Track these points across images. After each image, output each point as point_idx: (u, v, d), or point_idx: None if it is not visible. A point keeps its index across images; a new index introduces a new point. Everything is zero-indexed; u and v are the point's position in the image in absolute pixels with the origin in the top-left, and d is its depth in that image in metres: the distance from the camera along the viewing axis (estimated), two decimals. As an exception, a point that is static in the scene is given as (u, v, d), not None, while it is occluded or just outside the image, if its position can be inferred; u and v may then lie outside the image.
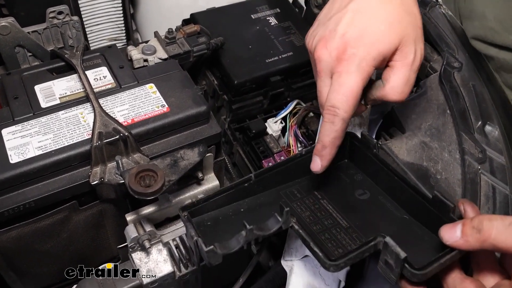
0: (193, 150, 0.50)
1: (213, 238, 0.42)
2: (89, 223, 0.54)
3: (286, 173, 0.50)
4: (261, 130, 0.71)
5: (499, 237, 0.34)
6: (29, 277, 0.55)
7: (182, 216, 0.44)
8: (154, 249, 0.52)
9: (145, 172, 0.47)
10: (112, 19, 0.77)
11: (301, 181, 0.51)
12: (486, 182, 0.52)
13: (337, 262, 0.37)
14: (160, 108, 0.54)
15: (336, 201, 0.49)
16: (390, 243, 0.37)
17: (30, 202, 0.49)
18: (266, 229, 0.40)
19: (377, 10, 0.46)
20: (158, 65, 0.61)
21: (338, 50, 0.45)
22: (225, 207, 0.47)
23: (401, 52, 0.46)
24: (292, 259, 0.51)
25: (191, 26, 0.66)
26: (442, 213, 0.41)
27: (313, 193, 0.49)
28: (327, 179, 0.51)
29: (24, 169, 0.48)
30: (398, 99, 0.47)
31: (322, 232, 0.45)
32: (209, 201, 0.46)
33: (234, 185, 0.47)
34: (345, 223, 0.46)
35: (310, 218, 0.46)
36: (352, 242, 0.44)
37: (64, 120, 0.53)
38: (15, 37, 0.62)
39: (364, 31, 0.45)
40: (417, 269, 0.36)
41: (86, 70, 0.58)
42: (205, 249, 0.38)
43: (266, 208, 0.47)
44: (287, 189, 0.50)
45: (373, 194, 0.49)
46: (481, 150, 0.53)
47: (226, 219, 0.46)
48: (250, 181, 0.47)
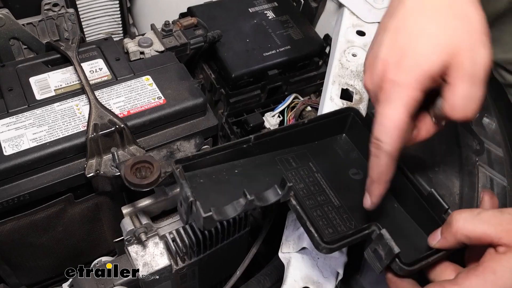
0: (189, 142, 0.50)
1: (206, 198, 0.41)
2: (85, 216, 0.54)
3: (285, 139, 0.49)
4: (259, 124, 0.70)
5: (467, 227, 0.35)
6: (23, 271, 0.54)
7: (174, 170, 0.41)
8: (150, 242, 0.51)
9: (141, 163, 0.47)
10: (108, 13, 0.77)
11: (298, 149, 0.50)
12: (484, 174, 0.52)
13: (331, 246, 0.38)
14: (156, 100, 0.54)
15: (330, 177, 0.48)
16: (386, 235, 0.37)
17: (25, 195, 0.48)
18: (264, 200, 0.40)
19: (419, 23, 0.40)
20: (155, 58, 0.61)
21: (379, 78, 0.41)
22: (219, 165, 0.45)
23: (455, 64, 0.39)
24: (289, 252, 0.51)
25: (188, 19, 0.66)
26: (435, 212, 0.42)
27: (308, 164, 0.49)
28: (323, 152, 0.51)
29: (19, 161, 0.48)
30: (461, 118, 0.40)
31: (314, 208, 0.44)
32: (205, 157, 0.44)
33: (232, 144, 0.45)
34: (337, 201, 0.46)
35: (304, 191, 0.46)
36: (342, 223, 0.44)
37: (59, 112, 0.52)
38: (9, 29, 0.62)
39: (405, 52, 0.40)
40: (407, 264, 0.37)
41: (82, 62, 0.57)
42: (203, 214, 0.36)
43: (261, 172, 0.47)
44: (283, 155, 0.49)
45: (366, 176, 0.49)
46: (479, 142, 0.53)
47: (219, 178, 0.45)
48: (249, 143, 0.46)
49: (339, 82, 0.60)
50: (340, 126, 0.51)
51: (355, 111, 0.51)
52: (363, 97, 0.59)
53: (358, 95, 0.59)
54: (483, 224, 0.34)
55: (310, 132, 0.49)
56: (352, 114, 0.50)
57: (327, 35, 0.75)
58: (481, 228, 0.34)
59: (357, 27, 0.66)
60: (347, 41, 0.64)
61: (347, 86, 0.59)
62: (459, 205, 0.50)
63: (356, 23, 0.66)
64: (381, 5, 0.69)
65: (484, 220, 0.35)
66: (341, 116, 0.51)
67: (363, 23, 0.66)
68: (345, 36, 0.65)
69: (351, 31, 0.65)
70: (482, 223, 0.35)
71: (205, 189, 0.43)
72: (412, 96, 0.39)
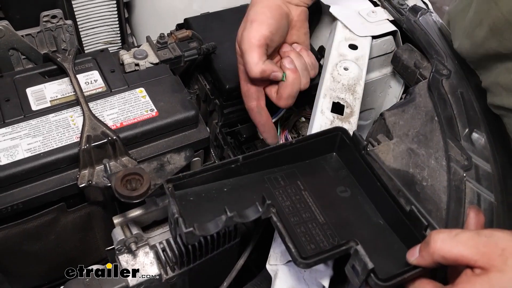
0: (179, 154, 0.51)
1: (193, 215, 0.43)
2: (77, 225, 0.55)
3: (274, 159, 0.50)
4: (252, 135, 0.71)
5: (444, 247, 0.35)
6: (17, 277, 0.56)
7: (166, 189, 0.43)
8: (140, 252, 0.52)
9: (131, 175, 0.48)
10: (107, 23, 0.78)
11: (287, 168, 0.51)
12: (471, 189, 0.52)
13: (308, 261, 0.39)
14: (149, 112, 0.55)
15: (317, 195, 0.49)
16: (361, 251, 0.38)
17: (18, 204, 0.49)
18: (245, 217, 0.41)
19: None
20: (149, 70, 0.62)
21: None
22: (209, 184, 0.47)
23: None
24: (277, 264, 0.51)
25: (183, 31, 0.67)
26: (416, 228, 0.43)
27: (296, 183, 0.50)
28: (312, 170, 0.52)
29: (13, 171, 0.49)
30: None
31: (298, 225, 0.45)
32: (194, 177, 0.46)
33: (221, 164, 0.47)
34: (322, 218, 0.47)
35: (289, 209, 0.47)
36: (325, 240, 0.44)
37: (54, 123, 0.54)
38: (9, 40, 0.63)
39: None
40: (381, 280, 0.37)
41: (77, 73, 0.59)
42: (184, 230, 0.39)
43: (249, 190, 0.48)
44: (272, 174, 0.50)
45: (354, 193, 0.50)
46: (467, 158, 0.54)
47: (208, 196, 0.47)
48: (237, 163, 0.48)
49: (330, 96, 0.61)
50: (330, 145, 0.52)
51: (343, 130, 0.52)
52: (354, 111, 0.60)
53: (349, 108, 0.60)
54: (460, 246, 0.35)
55: (298, 151, 0.50)
56: (340, 133, 0.52)
57: (322, 47, 0.76)
58: (458, 250, 0.35)
59: (350, 41, 0.67)
60: (339, 54, 0.65)
61: (338, 100, 0.60)
62: (446, 220, 0.51)
63: (349, 36, 0.67)
64: (374, 18, 0.70)
65: (461, 242, 0.35)
66: (329, 135, 0.52)
67: (356, 37, 0.67)
68: (338, 49, 0.65)
69: (343, 45, 0.66)
70: (458, 245, 0.35)
71: (194, 206, 0.45)
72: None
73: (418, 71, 0.67)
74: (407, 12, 0.70)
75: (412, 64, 0.68)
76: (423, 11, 0.69)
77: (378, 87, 0.76)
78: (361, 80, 0.62)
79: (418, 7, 0.70)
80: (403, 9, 0.70)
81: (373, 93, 0.76)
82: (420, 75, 0.67)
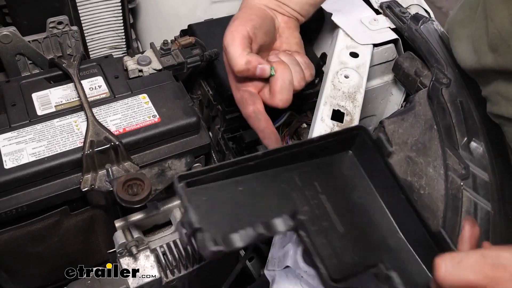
0: (180, 160, 0.52)
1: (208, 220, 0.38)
2: (80, 228, 0.56)
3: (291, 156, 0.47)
4: (254, 140, 0.72)
5: (449, 276, 0.33)
6: (20, 278, 0.57)
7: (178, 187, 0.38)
8: (141, 255, 0.53)
9: (132, 180, 0.49)
10: (112, 28, 0.79)
11: (302, 166, 0.47)
12: (468, 198, 0.52)
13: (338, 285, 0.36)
14: (151, 118, 0.56)
15: (334, 200, 0.46)
16: (396, 280, 0.36)
17: (23, 207, 0.51)
18: (273, 231, 0.38)
19: None
20: (152, 76, 0.63)
21: None
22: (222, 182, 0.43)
23: None
24: (274, 269, 0.52)
25: (186, 38, 0.68)
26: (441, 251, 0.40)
27: (313, 184, 0.47)
28: (328, 170, 0.49)
29: (18, 175, 0.50)
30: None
31: (319, 235, 0.42)
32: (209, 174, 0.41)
33: (240, 160, 0.43)
34: (341, 228, 0.44)
35: (309, 215, 0.44)
36: (345, 253, 0.41)
37: (59, 127, 0.55)
38: (15, 45, 0.64)
39: None
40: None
41: (82, 79, 0.60)
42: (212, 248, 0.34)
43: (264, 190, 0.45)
44: (287, 172, 0.46)
45: (371, 201, 0.47)
46: (464, 167, 0.54)
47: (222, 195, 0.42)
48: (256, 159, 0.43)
49: (331, 103, 0.61)
50: (347, 143, 0.49)
51: (364, 129, 0.49)
52: (354, 118, 0.60)
53: (349, 116, 0.61)
54: (466, 272, 0.33)
55: (315, 149, 0.47)
56: (362, 132, 0.49)
57: (324, 53, 0.77)
58: (464, 277, 0.33)
59: (351, 49, 0.67)
60: (340, 62, 0.66)
61: (339, 107, 0.61)
62: (443, 228, 0.51)
63: (350, 44, 0.68)
64: (376, 26, 0.71)
65: (466, 267, 0.33)
66: (350, 134, 0.49)
67: (357, 45, 0.68)
68: (339, 57, 0.66)
69: (344, 53, 0.67)
70: (464, 272, 0.33)
71: (208, 209, 0.40)
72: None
73: (419, 79, 0.67)
74: (408, 21, 0.70)
75: (413, 72, 0.69)
76: (424, 19, 0.70)
77: (380, 94, 0.77)
78: (362, 88, 0.63)
79: (419, 16, 0.71)
80: (405, 17, 0.71)
81: (375, 100, 0.77)
82: (421, 83, 0.67)
